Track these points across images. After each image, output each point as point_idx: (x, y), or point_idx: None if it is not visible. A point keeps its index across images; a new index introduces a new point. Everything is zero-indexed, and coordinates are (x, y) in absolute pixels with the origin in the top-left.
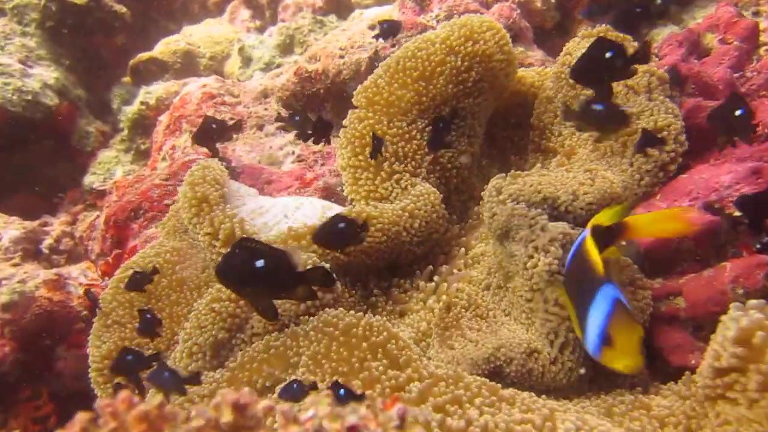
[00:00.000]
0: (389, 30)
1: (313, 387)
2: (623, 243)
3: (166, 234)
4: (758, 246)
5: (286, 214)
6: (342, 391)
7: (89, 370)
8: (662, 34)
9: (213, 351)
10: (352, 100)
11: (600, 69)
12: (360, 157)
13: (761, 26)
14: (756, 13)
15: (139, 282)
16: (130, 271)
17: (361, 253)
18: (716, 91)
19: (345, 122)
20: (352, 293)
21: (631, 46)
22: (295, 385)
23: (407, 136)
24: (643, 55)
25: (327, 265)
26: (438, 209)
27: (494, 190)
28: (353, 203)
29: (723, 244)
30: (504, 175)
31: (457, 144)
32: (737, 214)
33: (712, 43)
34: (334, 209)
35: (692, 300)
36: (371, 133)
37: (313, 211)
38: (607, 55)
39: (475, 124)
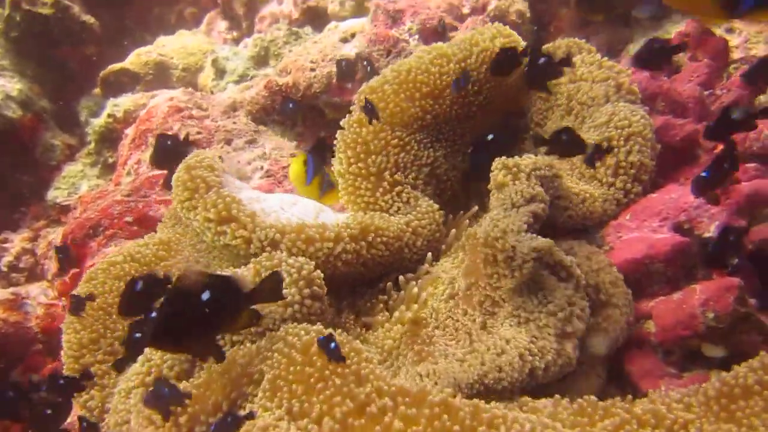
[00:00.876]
0: (347, 71)
1: (250, 416)
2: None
3: (161, 227)
4: (728, 269)
5: (282, 206)
6: None
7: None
8: (635, 49)
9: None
10: (354, 98)
11: (542, 76)
12: (360, 165)
13: (734, 43)
14: (729, 30)
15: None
16: (120, 257)
17: (361, 265)
18: (686, 108)
19: (343, 123)
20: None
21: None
22: (229, 419)
23: (407, 147)
24: (568, 60)
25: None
26: (441, 228)
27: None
28: (350, 212)
29: (693, 266)
30: None
31: (452, 158)
32: (707, 234)
33: (682, 59)
34: (326, 212)
35: (662, 324)
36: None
37: (307, 210)
38: (541, 61)
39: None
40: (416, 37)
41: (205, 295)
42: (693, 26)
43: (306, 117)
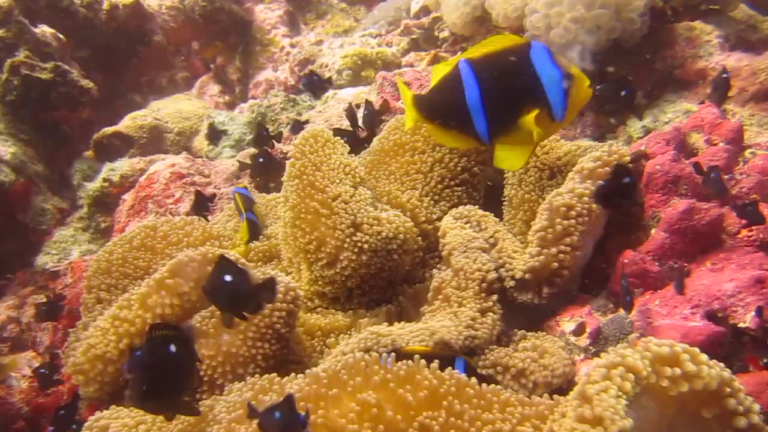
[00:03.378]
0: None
1: None
2: None
3: None
4: (766, 360)
5: None
6: None
7: None
8: (634, 126)
9: None
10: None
11: None
12: None
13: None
14: (723, 112)
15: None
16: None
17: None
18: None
19: None
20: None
21: None
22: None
23: None
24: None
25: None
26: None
27: None
28: None
29: (728, 356)
30: None
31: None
32: (742, 324)
33: (697, 143)
34: None
35: None
36: None
37: None
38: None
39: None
40: None
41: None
42: (708, 110)
43: None
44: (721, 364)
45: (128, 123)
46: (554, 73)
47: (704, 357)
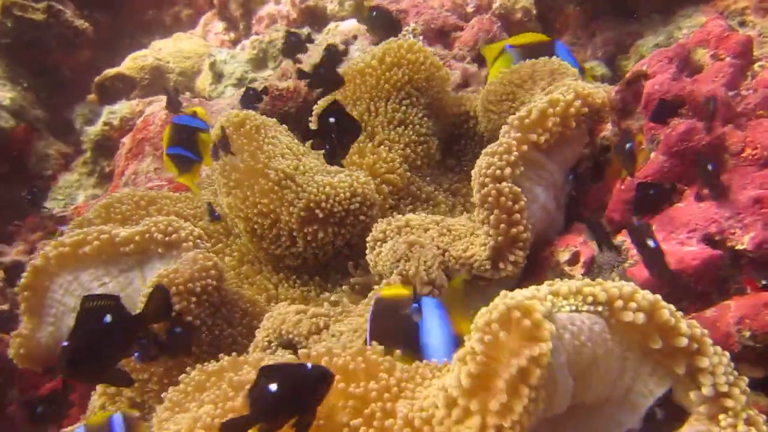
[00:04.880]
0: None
1: None
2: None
3: None
4: (764, 282)
5: None
6: None
7: None
8: (646, 45)
9: None
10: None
11: None
12: None
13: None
14: (742, 23)
15: None
16: None
17: None
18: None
19: None
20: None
21: None
22: None
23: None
24: None
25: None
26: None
27: None
28: None
29: (725, 280)
30: None
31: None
32: (740, 247)
33: (703, 58)
34: None
35: None
36: None
37: None
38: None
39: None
40: (420, 38)
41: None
42: (715, 23)
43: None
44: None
45: (129, 64)
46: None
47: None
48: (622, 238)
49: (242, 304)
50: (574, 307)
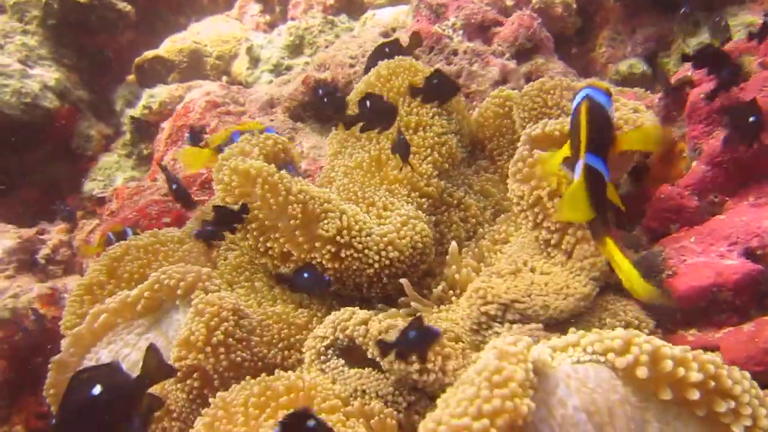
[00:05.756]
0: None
1: None
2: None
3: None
4: None
5: None
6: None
7: None
8: (689, 43)
9: None
10: None
11: None
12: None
13: None
14: None
15: None
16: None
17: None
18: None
19: None
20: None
21: None
22: None
23: None
24: None
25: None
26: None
27: None
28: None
29: (764, 295)
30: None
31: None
32: None
33: (751, 66)
34: None
35: (731, 358)
36: None
37: None
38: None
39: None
40: (460, 32)
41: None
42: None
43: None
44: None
45: (168, 47)
46: None
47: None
48: (660, 248)
49: (275, 324)
50: (575, 359)
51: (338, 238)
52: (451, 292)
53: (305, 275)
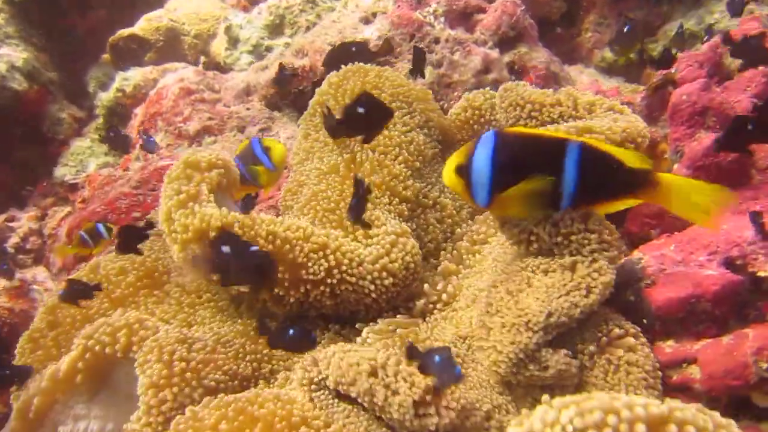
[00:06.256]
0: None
1: None
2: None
3: None
4: None
5: None
6: None
7: None
8: (675, 29)
9: None
10: None
11: None
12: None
13: None
14: None
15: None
16: None
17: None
18: None
19: None
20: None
21: None
22: None
23: None
24: None
25: None
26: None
27: None
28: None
29: (744, 305)
30: None
31: None
32: (762, 274)
33: (734, 64)
34: None
35: (709, 371)
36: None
37: None
38: None
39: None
40: (442, 19)
41: None
42: (750, 24)
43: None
44: None
45: (144, 25)
46: None
47: None
48: (639, 255)
49: (236, 339)
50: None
51: (329, 279)
52: (432, 306)
53: (291, 332)
